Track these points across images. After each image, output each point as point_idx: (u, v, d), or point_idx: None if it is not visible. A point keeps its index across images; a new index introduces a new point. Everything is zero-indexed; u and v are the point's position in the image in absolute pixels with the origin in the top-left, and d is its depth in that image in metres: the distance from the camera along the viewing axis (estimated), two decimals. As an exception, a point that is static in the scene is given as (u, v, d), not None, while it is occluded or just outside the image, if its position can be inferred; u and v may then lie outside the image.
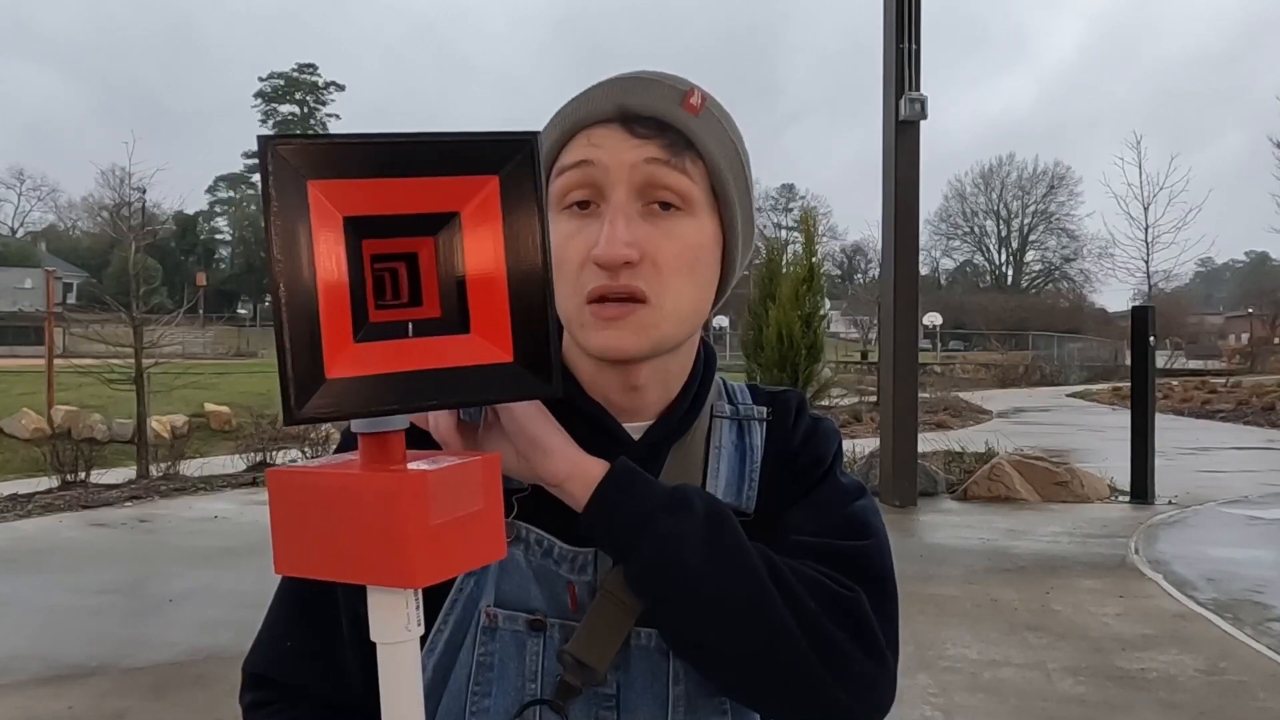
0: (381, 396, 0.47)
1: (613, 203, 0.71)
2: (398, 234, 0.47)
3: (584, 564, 0.76)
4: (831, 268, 62.97)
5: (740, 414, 0.85)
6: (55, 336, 13.87)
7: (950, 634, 4.57)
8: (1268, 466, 11.04)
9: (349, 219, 0.46)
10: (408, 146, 0.47)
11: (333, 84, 69.76)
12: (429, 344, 0.48)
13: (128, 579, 5.76)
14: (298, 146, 0.45)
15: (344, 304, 0.46)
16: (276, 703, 0.79)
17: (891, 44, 8.24)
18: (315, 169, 0.45)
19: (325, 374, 0.45)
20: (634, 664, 0.76)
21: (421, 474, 0.49)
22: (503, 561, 0.74)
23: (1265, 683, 3.94)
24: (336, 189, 0.45)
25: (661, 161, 0.72)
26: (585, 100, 0.74)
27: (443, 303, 0.48)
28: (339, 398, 0.46)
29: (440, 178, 0.47)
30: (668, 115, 0.72)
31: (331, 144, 0.46)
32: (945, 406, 17.72)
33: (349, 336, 0.46)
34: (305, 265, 0.45)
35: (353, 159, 0.46)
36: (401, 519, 0.48)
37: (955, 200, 64.97)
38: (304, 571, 0.52)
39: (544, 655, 0.75)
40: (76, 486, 8.75)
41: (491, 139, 0.48)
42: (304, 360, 0.45)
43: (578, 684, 0.73)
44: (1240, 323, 55.56)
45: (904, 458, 8.19)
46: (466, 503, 0.52)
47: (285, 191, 0.44)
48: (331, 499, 0.50)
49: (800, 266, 12.61)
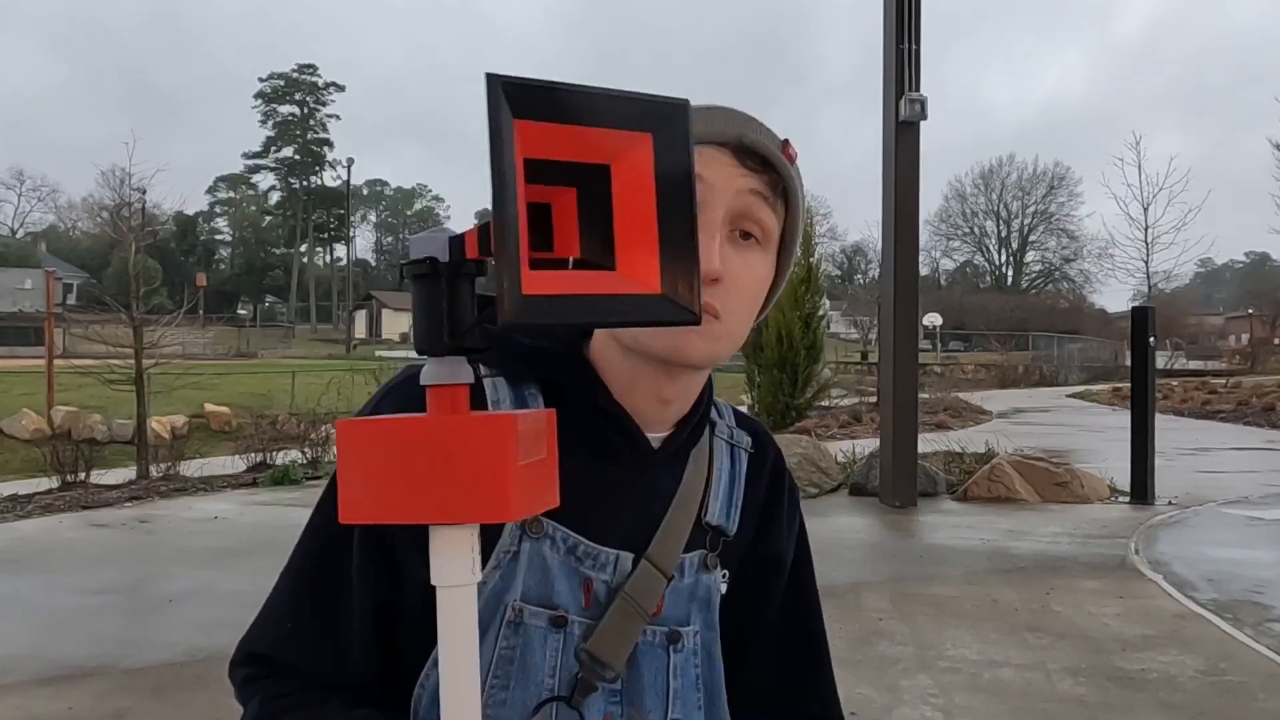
0: (561, 312, 0.50)
1: (710, 220, 0.75)
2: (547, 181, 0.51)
3: (605, 563, 0.80)
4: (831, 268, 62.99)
5: (732, 439, 0.92)
6: (55, 337, 13.87)
7: (950, 634, 4.57)
8: (1268, 467, 11.04)
9: (527, 160, 0.50)
10: (581, 97, 0.50)
11: (333, 84, 69.77)
12: (589, 275, 0.52)
13: (128, 579, 5.76)
14: (514, 87, 0.48)
15: (524, 236, 0.50)
16: (270, 677, 0.80)
17: (891, 44, 8.24)
18: (522, 110, 0.48)
19: (522, 290, 0.49)
20: (641, 659, 0.81)
21: (512, 417, 0.54)
22: (530, 557, 0.78)
23: (1265, 683, 3.94)
24: (529, 130, 0.49)
25: (761, 196, 0.77)
26: (704, 119, 0.76)
27: (584, 246, 0.53)
28: (534, 312, 0.49)
29: (604, 129, 0.51)
30: (773, 156, 0.77)
31: (537, 88, 0.49)
32: (945, 407, 17.72)
33: (528, 263, 0.50)
34: (511, 192, 0.48)
35: (546, 104, 0.49)
36: (499, 457, 0.53)
37: (955, 200, 65.04)
38: (374, 517, 0.55)
39: (563, 651, 0.78)
40: (76, 487, 8.75)
41: (648, 100, 0.52)
42: (514, 276, 0.48)
43: (596, 682, 0.78)
44: (1240, 323, 55.58)
45: (904, 458, 8.20)
46: (537, 450, 0.57)
47: (502, 127, 0.48)
48: (416, 445, 0.54)
49: (800, 267, 12.63)
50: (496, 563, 0.77)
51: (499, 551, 0.77)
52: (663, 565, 0.81)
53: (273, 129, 69.13)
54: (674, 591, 0.82)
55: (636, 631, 0.79)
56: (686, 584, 0.83)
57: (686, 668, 0.83)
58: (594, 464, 0.80)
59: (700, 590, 0.84)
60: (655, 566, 0.81)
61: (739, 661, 0.91)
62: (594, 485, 0.80)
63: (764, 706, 0.93)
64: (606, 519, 0.80)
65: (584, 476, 0.79)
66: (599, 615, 0.79)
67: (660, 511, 0.83)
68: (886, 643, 4.44)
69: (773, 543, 0.92)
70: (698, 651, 0.84)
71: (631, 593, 0.79)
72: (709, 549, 0.85)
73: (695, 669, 0.84)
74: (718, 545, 0.86)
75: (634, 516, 0.82)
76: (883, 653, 4.29)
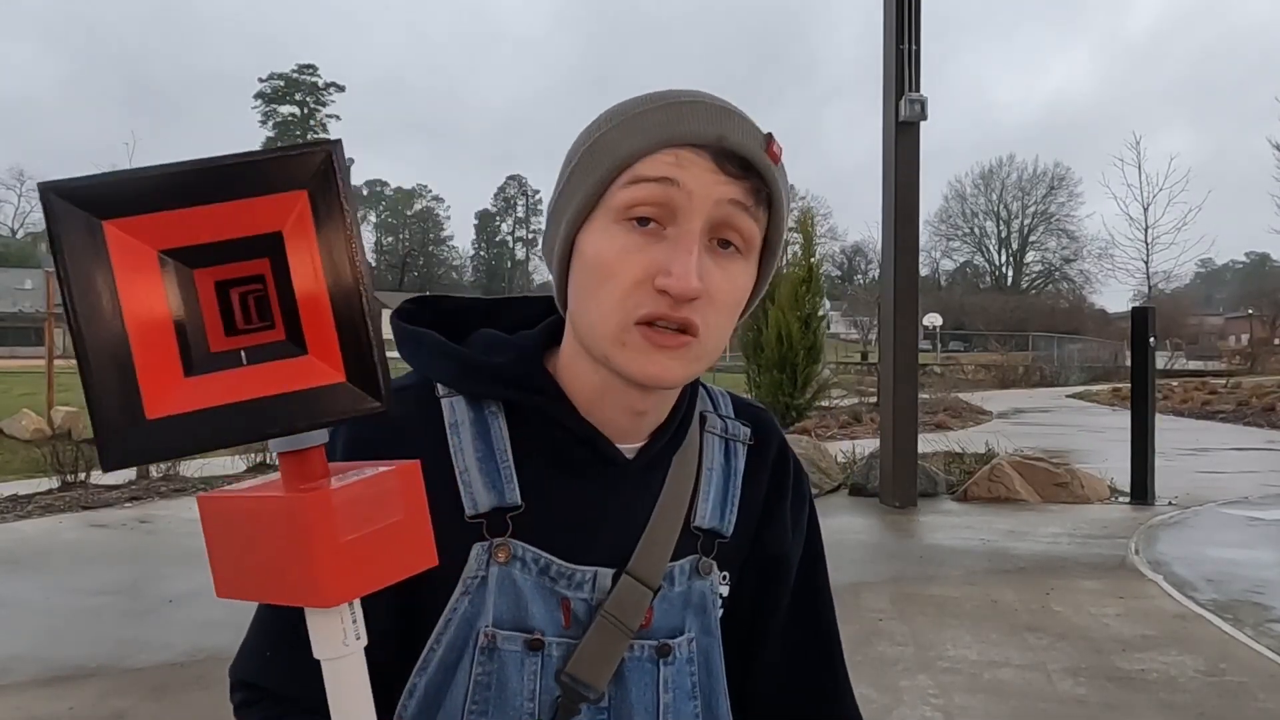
0: (208, 431, 0.46)
1: (687, 232, 0.70)
2: (237, 258, 0.46)
3: (581, 581, 0.77)
4: (831, 268, 62.99)
5: (728, 432, 0.88)
6: (55, 337, 13.86)
7: (950, 635, 4.57)
8: (1268, 467, 11.03)
9: (167, 252, 0.45)
10: (208, 173, 0.45)
11: (333, 84, 69.80)
12: (264, 370, 0.47)
13: (128, 580, 5.76)
14: (86, 188, 0.43)
15: (168, 342, 0.45)
16: (263, 701, 0.80)
17: (891, 45, 8.24)
18: (110, 208, 0.43)
19: (145, 415, 0.44)
20: (628, 675, 0.78)
21: (325, 492, 0.48)
22: (499, 581, 0.75)
23: (1265, 683, 3.94)
24: (143, 224, 0.44)
25: (741, 206, 0.71)
26: (679, 116, 0.71)
27: (285, 324, 0.48)
28: (159, 439, 0.45)
29: (254, 198, 0.46)
30: (756, 159, 0.71)
31: (125, 181, 0.44)
32: (945, 407, 17.71)
33: (178, 373, 0.45)
34: (109, 310, 0.43)
35: (155, 192, 0.44)
36: (308, 539, 0.48)
37: (955, 201, 65.09)
38: (240, 595, 0.52)
39: (541, 674, 0.75)
40: (76, 487, 8.74)
41: (293, 152, 0.47)
42: (114, 406, 0.44)
43: (578, 704, 0.75)
44: (1240, 323, 55.59)
45: (904, 458, 8.19)
46: (384, 515, 0.51)
47: (75, 236, 0.43)
48: (254, 522, 0.50)
49: (799, 267, 12.63)
50: (464, 589, 0.75)
51: (466, 578, 0.75)
52: (646, 578, 0.78)
53: (273, 129, 69.17)
54: (664, 601, 0.79)
55: (620, 649, 0.77)
56: (678, 592, 0.80)
57: (680, 679, 0.80)
58: (564, 481, 0.78)
59: (694, 597, 0.81)
60: (638, 580, 0.78)
61: (750, 663, 0.89)
62: (566, 503, 0.78)
63: (778, 709, 0.90)
64: (582, 536, 0.78)
65: (555, 495, 0.77)
66: (581, 634, 0.76)
67: (641, 522, 0.80)
68: (886, 643, 4.43)
69: (776, 541, 0.88)
70: (693, 659, 0.81)
71: (612, 609, 0.76)
72: (701, 553, 0.82)
73: (690, 678, 0.81)
74: (712, 548, 0.83)
75: (612, 531, 0.79)
76: (883, 653, 4.29)
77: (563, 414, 0.77)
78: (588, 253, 0.72)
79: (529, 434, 0.78)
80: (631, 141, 0.71)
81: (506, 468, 0.77)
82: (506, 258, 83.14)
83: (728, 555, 0.85)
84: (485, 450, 0.77)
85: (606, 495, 0.79)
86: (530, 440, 0.78)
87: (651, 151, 0.70)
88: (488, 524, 0.76)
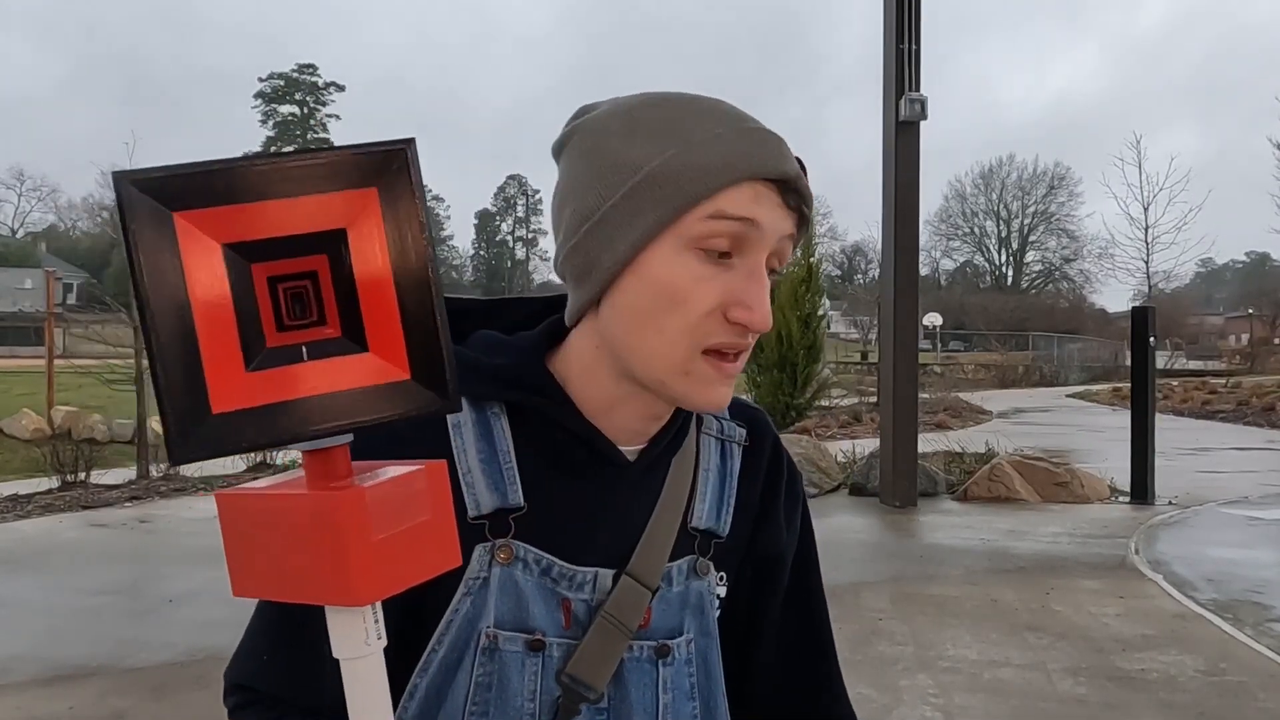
0: (272, 428, 0.46)
1: (759, 265, 0.71)
2: (292, 254, 0.46)
3: (582, 582, 0.78)
4: (831, 268, 63.02)
5: (724, 433, 0.89)
6: (55, 337, 13.87)
7: (950, 634, 4.57)
8: (1268, 467, 11.04)
9: (230, 245, 0.45)
10: (279, 168, 0.45)
11: (333, 84, 69.80)
12: (326, 366, 0.47)
13: (128, 579, 5.76)
14: (158, 179, 0.44)
15: (231, 335, 0.45)
16: (258, 704, 0.80)
17: (891, 44, 8.24)
18: (180, 200, 0.44)
19: (210, 410, 0.44)
20: (627, 675, 0.78)
21: (359, 490, 0.48)
22: (501, 582, 0.75)
23: (1265, 683, 3.94)
24: (209, 217, 0.44)
25: (793, 239, 0.74)
26: (756, 145, 0.70)
27: (342, 321, 0.47)
28: (225, 433, 0.45)
29: (321, 195, 0.46)
30: (806, 192, 0.73)
31: (194, 174, 0.44)
32: (945, 407, 17.71)
33: (239, 367, 0.45)
34: (180, 302, 0.44)
35: (222, 186, 0.44)
36: (341, 538, 0.47)
37: (955, 200, 65.09)
38: (260, 594, 0.52)
39: (542, 674, 0.76)
40: (76, 487, 8.75)
41: (365, 151, 0.47)
42: (184, 399, 0.44)
43: (578, 705, 0.76)
44: (1240, 323, 55.60)
45: (904, 458, 8.20)
46: (412, 514, 0.51)
47: (147, 227, 0.43)
48: (277, 520, 0.49)
49: (799, 267, 12.63)
50: (466, 590, 0.75)
51: (468, 579, 0.75)
52: (645, 578, 0.79)
53: (273, 129, 69.17)
54: (662, 601, 0.80)
55: (619, 649, 0.77)
56: (676, 592, 0.81)
57: (679, 679, 0.80)
58: (566, 483, 0.78)
59: (692, 597, 0.82)
60: (637, 580, 0.78)
61: (746, 664, 0.89)
62: (568, 504, 0.78)
63: (773, 709, 0.91)
64: (583, 537, 0.78)
65: (557, 496, 0.78)
66: (581, 635, 0.77)
67: (641, 523, 0.80)
68: (886, 643, 4.44)
69: (771, 541, 0.89)
70: (691, 660, 0.81)
71: (612, 610, 0.77)
72: (698, 554, 0.83)
73: (689, 679, 0.81)
74: (709, 549, 0.84)
75: (612, 532, 0.79)
76: (883, 653, 4.29)
77: (565, 416, 0.77)
78: (656, 278, 0.71)
79: (530, 435, 0.78)
80: (716, 174, 0.69)
81: (509, 469, 0.77)
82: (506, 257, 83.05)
83: (724, 555, 0.85)
84: (488, 452, 0.77)
85: (607, 496, 0.79)
86: (532, 441, 0.78)
87: (736, 184, 0.69)
88: (490, 525, 0.76)
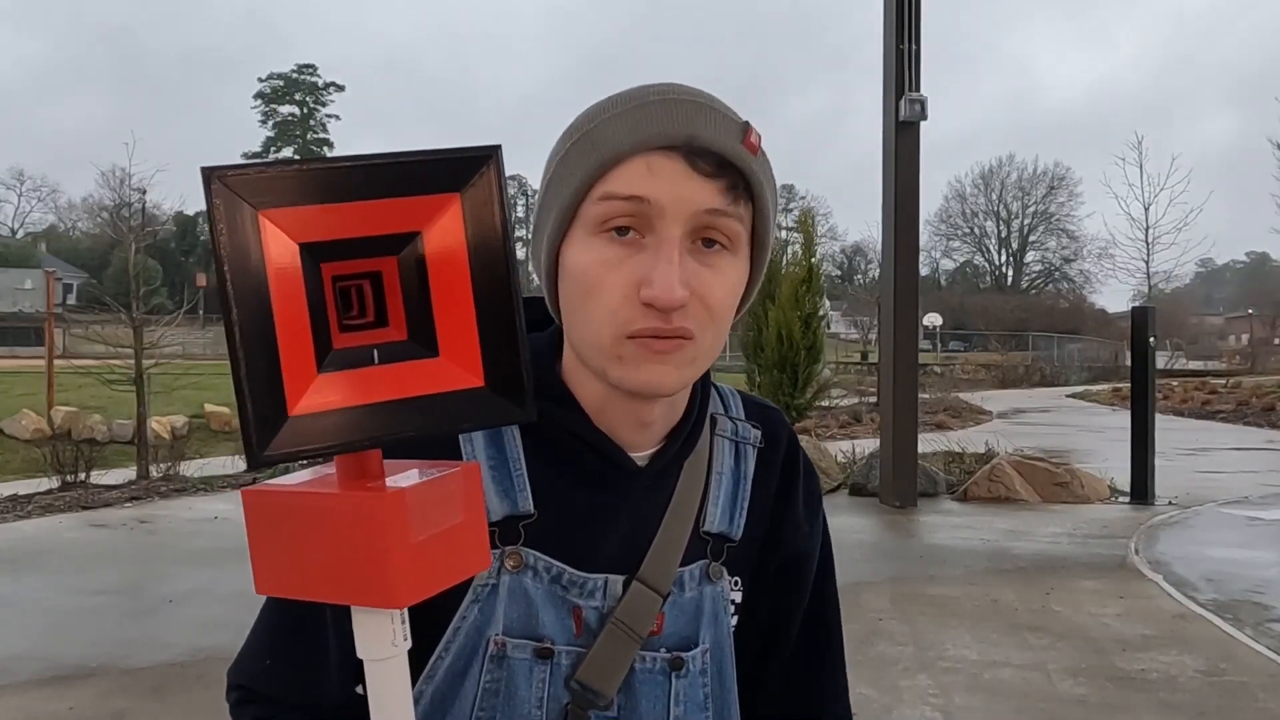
0: (349, 431, 0.45)
1: (667, 240, 0.68)
2: (360, 255, 0.46)
3: (593, 590, 0.77)
4: (831, 268, 63.03)
5: (739, 435, 0.87)
6: (55, 337, 13.85)
7: (950, 634, 4.57)
8: (1268, 467, 11.04)
9: (305, 245, 0.45)
10: (362, 170, 0.45)
11: (332, 84, 69.79)
12: (397, 370, 0.46)
13: (128, 579, 5.76)
14: (248, 177, 0.43)
15: (305, 337, 0.45)
16: (258, 702, 0.80)
17: (891, 45, 8.24)
18: (266, 198, 0.44)
19: (288, 412, 0.44)
20: (638, 686, 0.77)
21: (400, 492, 0.47)
22: (510, 589, 0.75)
23: (1265, 683, 3.94)
24: (289, 216, 0.44)
25: (720, 212, 0.69)
26: (646, 118, 0.68)
27: (409, 324, 0.47)
28: (304, 436, 0.44)
29: (400, 199, 0.45)
30: (731, 153, 0.68)
31: (281, 173, 0.44)
32: (945, 407, 17.71)
33: (313, 369, 0.45)
34: (262, 300, 0.43)
35: (305, 186, 0.44)
36: (381, 539, 0.46)
37: (955, 201, 65.03)
38: (285, 592, 0.51)
39: (550, 682, 0.75)
40: (76, 487, 8.74)
41: (450, 157, 0.46)
42: (265, 400, 0.43)
43: (586, 713, 0.75)
44: (1240, 323, 55.64)
45: (904, 458, 8.19)
46: (448, 516, 0.50)
47: (234, 223, 0.43)
48: (309, 519, 0.48)
49: (799, 267, 12.62)
50: (475, 596, 0.74)
51: (476, 585, 0.74)
52: (656, 584, 0.77)
53: (273, 129, 69.18)
54: (674, 607, 0.79)
55: (629, 656, 0.76)
56: (689, 598, 0.80)
57: (692, 691, 0.79)
58: (576, 490, 0.77)
59: (705, 603, 0.80)
60: (648, 586, 0.77)
61: (761, 668, 0.88)
62: (578, 511, 0.77)
63: (780, 711, 0.90)
64: (593, 544, 0.77)
65: (567, 503, 0.77)
66: (591, 642, 0.76)
67: (652, 528, 0.79)
68: (886, 643, 4.44)
69: (790, 541, 0.87)
70: (706, 671, 0.80)
71: (622, 617, 0.76)
72: (711, 558, 0.81)
73: (703, 689, 0.80)
74: (721, 553, 0.82)
75: (623, 538, 0.78)
76: (883, 653, 4.29)
77: (576, 422, 0.76)
78: (571, 267, 0.71)
79: (541, 441, 0.78)
80: (599, 153, 0.68)
81: (519, 475, 0.76)
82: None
83: (737, 559, 0.84)
84: (498, 458, 0.77)
85: (618, 502, 0.78)
86: (543, 447, 0.78)
87: (621, 161, 0.68)
88: (500, 532, 0.75)
